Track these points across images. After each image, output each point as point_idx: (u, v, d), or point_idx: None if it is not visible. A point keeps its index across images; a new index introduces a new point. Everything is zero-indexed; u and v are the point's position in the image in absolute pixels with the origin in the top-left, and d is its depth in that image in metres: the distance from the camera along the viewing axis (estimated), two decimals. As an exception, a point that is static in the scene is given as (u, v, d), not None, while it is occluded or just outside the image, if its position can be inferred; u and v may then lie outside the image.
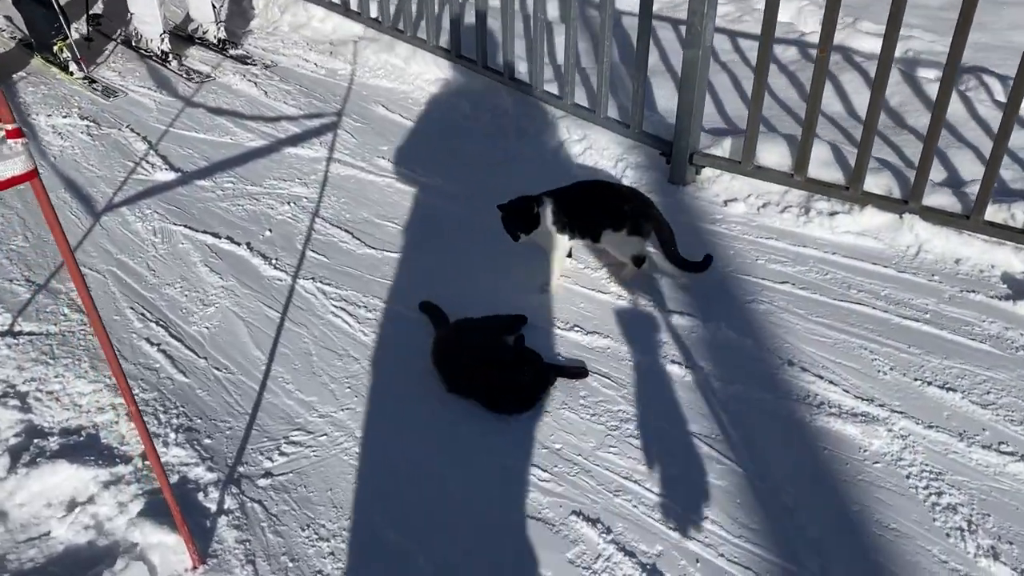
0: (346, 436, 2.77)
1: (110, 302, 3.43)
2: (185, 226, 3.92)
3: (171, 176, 4.34)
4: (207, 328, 3.29)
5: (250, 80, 5.43)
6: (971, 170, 3.70)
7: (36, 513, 2.54)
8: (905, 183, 3.50)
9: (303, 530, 2.46)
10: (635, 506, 2.49)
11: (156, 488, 2.57)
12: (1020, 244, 3.23)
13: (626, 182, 4.02)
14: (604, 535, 2.40)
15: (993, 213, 3.27)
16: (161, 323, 3.31)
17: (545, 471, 2.61)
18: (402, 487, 2.59)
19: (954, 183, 3.57)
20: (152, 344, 3.19)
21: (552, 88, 4.53)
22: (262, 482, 2.62)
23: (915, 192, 3.36)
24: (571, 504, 2.50)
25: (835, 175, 3.60)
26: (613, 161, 4.14)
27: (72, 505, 2.55)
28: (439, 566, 2.34)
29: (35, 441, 2.75)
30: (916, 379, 2.82)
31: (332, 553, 2.39)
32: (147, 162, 4.49)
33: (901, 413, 2.70)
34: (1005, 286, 3.17)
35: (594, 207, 3.25)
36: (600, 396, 2.87)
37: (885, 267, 3.32)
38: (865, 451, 2.60)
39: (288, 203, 4.09)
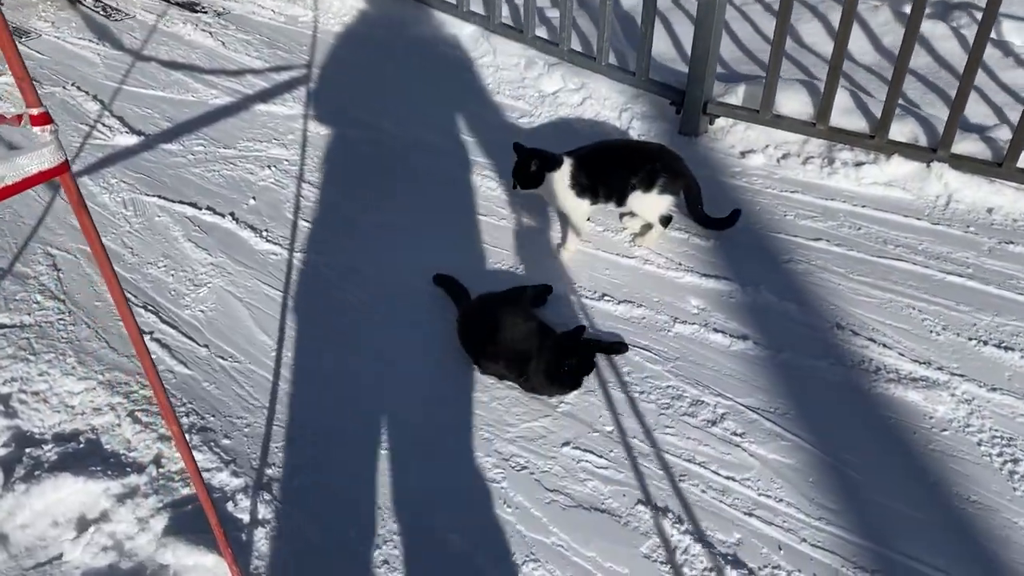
0: (379, 426, 2.54)
1: (86, 286, 3.10)
2: (159, 196, 3.57)
3: (133, 140, 3.96)
4: (203, 312, 2.99)
5: (204, 30, 5.00)
6: (995, 114, 3.59)
7: (42, 534, 2.27)
8: (931, 130, 3.37)
9: (351, 534, 2.24)
10: (703, 491, 2.34)
11: (179, 500, 2.32)
12: (1053, 191, 3.14)
13: (633, 134, 3.80)
14: (677, 525, 2.25)
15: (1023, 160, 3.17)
16: (150, 308, 3.01)
17: (601, 457, 2.44)
18: (449, 480, 2.39)
19: (978, 129, 3.46)
20: (143, 332, 2.88)
21: (543, 33, 4.26)
22: (296, 482, 2.38)
23: (944, 140, 3.23)
24: (635, 493, 2.34)
25: (858, 123, 3.45)
26: (616, 112, 3.91)
27: (83, 523, 2.28)
28: (505, 571, 2.16)
29: (28, 451, 2.46)
30: (971, 339, 2.71)
31: (386, 561, 2.18)
32: (103, 124, 4.08)
33: (961, 376, 2.60)
34: (1042, 236, 3.08)
35: (621, 167, 3.03)
36: (645, 372, 2.69)
37: (918, 219, 3.19)
38: (931, 418, 2.49)
39: (268, 167, 3.76)
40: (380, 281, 3.09)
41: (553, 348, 2.57)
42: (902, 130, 3.38)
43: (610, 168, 3.03)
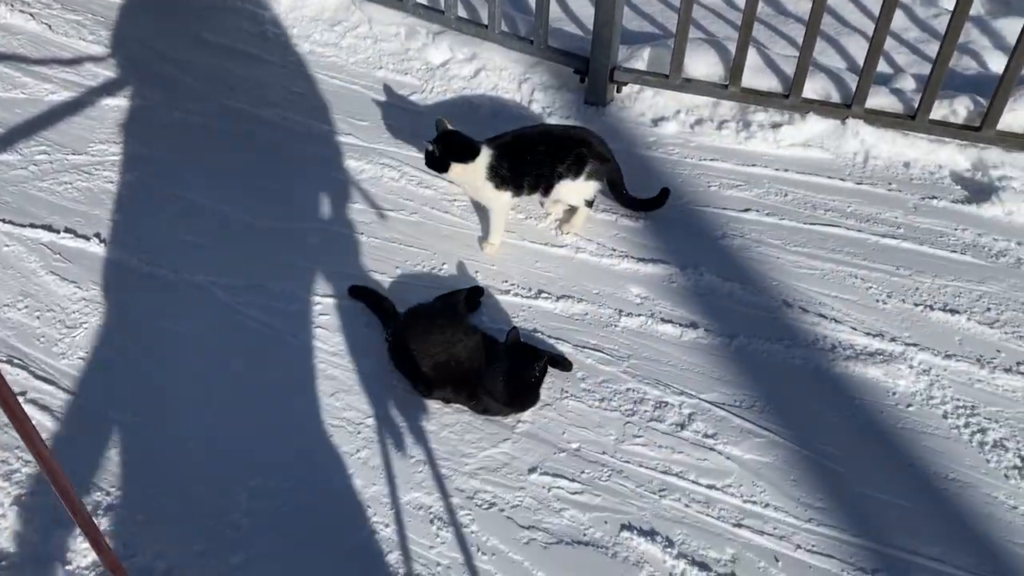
0: (317, 473, 2.25)
1: (-69, 342, 2.60)
2: (3, 220, 3.04)
3: (-43, 152, 3.36)
4: (82, 359, 2.57)
5: (22, 11, 4.31)
6: (905, 65, 3.56)
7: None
8: (842, 85, 3.30)
9: (311, 618, 1.96)
10: (687, 505, 2.19)
11: (97, 604, 1.95)
12: (963, 141, 3.14)
13: (535, 106, 3.55)
14: (667, 549, 2.10)
15: (934, 111, 3.15)
16: (16, 361, 2.55)
17: (573, 480, 2.25)
18: (405, 525, 2.13)
19: (885, 80, 3.42)
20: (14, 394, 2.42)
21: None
22: (236, 561, 2.06)
23: (859, 95, 3.17)
24: (616, 517, 2.17)
25: (770, 82, 3.34)
26: (515, 83, 3.64)
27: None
28: (496, 630, 1.95)
29: None
30: (917, 304, 2.68)
31: (359, 641, 1.92)
32: (-85, 135, 3.45)
33: (915, 345, 2.55)
34: (960, 188, 3.08)
35: (546, 156, 2.79)
36: (600, 375, 2.51)
37: (842, 180, 3.13)
38: (894, 394, 2.44)
39: (130, 171, 3.28)
40: (288, 299, 2.75)
41: (505, 362, 2.34)
42: (814, 87, 3.30)
43: (534, 157, 2.78)
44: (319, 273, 2.83)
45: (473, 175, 2.75)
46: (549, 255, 2.91)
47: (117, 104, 3.65)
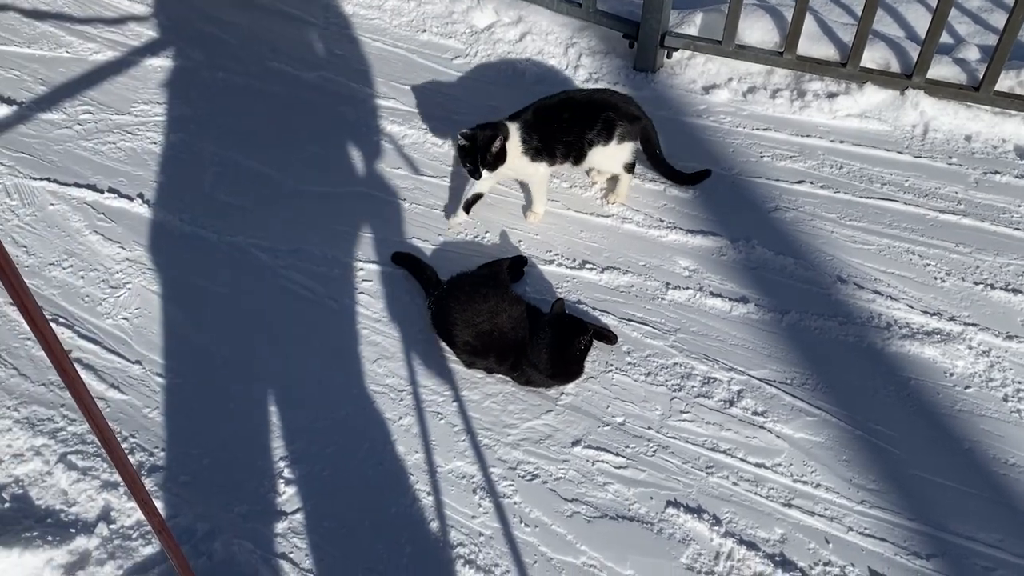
0: (359, 439, 2.23)
1: (-24, 298, 2.60)
2: (48, 179, 3.03)
3: (4, 110, 3.35)
4: (127, 319, 2.56)
5: (67, -31, 4.29)
6: (968, 35, 3.43)
7: (-25, 625, 1.88)
8: (903, 55, 3.18)
9: (353, 584, 1.95)
10: (735, 484, 2.14)
11: (142, 562, 1.97)
12: (1029, 114, 3.01)
13: (582, 72, 3.47)
14: (715, 527, 2.05)
15: (999, 82, 3.02)
16: (62, 320, 2.55)
17: (618, 455, 2.20)
18: (455, 498, 2.11)
19: (946, 50, 3.29)
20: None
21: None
22: (279, 526, 2.05)
23: (920, 65, 3.05)
24: (662, 494, 2.12)
25: (826, 51, 3.22)
26: (562, 47, 3.56)
27: (26, 607, 1.90)
28: (539, 603, 1.92)
29: (-62, 518, 2.04)
30: (977, 283, 2.58)
31: (401, 610, 1.91)
32: (-38, 92, 3.45)
33: (974, 325, 2.46)
34: (1024, 163, 2.97)
35: (574, 123, 2.70)
36: (647, 349, 2.45)
37: (900, 153, 3.02)
38: (951, 375, 2.36)
39: (173, 131, 3.26)
40: (330, 264, 2.72)
41: (549, 333, 2.29)
42: (872, 56, 3.18)
43: (562, 125, 2.69)
44: (361, 239, 2.79)
45: (509, 156, 2.67)
46: (594, 225, 2.85)
47: (160, 64, 3.63)
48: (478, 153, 2.59)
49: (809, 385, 2.35)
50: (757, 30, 3.29)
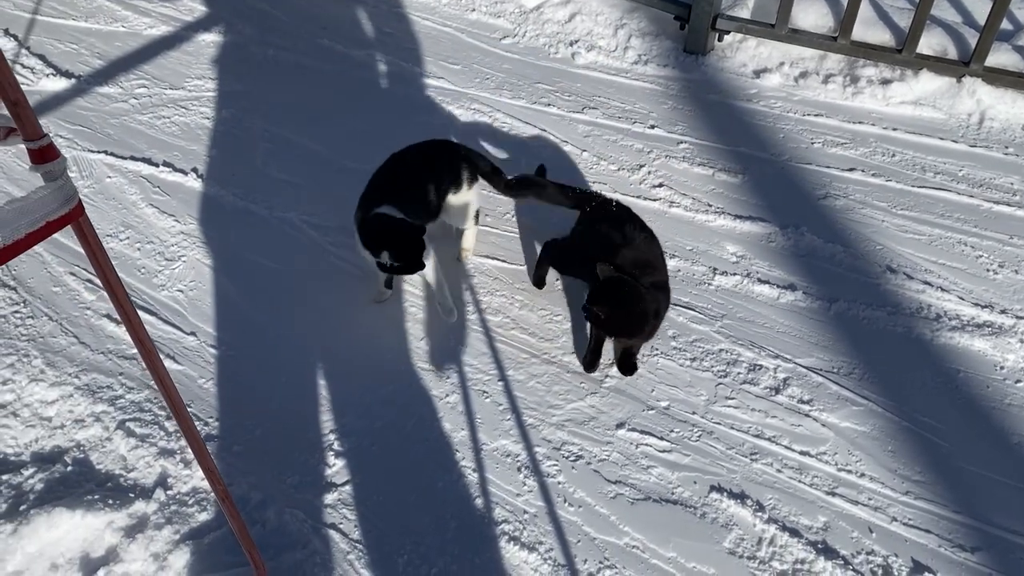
0: (407, 415, 2.27)
1: (40, 268, 2.68)
2: (105, 152, 3.10)
3: (62, 84, 3.43)
4: (182, 291, 2.62)
5: (122, -57, 4.35)
6: (1022, 19, 3.36)
7: (39, 583, 1.96)
8: (960, 42, 3.12)
9: (400, 556, 1.99)
10: (779, 471, 2.15)
11: (197, 528, 2.03)
12: (1090, 104, 2.95)
13: (631, 53, 3.45)
14: (758, 513, 2.06)
15: (1060, 71, 2.96)
16: (119, 291, 2.61)
17: (662, 439, 2.22)
18: (492, 471, 2.14)
19: (1005, 37, 3.22)
20: (116, 322, 2.50)
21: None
22: (329, 497, 2.10)
23: (979, 52, 2.99)
24: (706, 479, 2.14)
25: (882, 36, 3.17)
26: (611, 28, 3.55)
27: (89, 565, 1.97)
28: (582, 582, 1.95)
29: (5, 478, 2.11)
30: (1030, 276, 2.55)
31: (446, 583, 1.95)
32: (23, 66, 3.53)
33: (1027, 319, 2.44)
34: (1083, 155, 2.91)
35: (431, 177, 2.48)
36: (693, 334, 2.46)
37: (954, 142, 2.98)
38: (1002, 368, 2.34)
39: (225, 107, 3.31)
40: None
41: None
42: (929, 42, 3.13)
43: (421, 182, 2.47)
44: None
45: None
46: (641, 208, 2.82)
47: (212, 40, 3.68)
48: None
49: (856, 374, 2.34)
50: (811, 14, 3.25)
